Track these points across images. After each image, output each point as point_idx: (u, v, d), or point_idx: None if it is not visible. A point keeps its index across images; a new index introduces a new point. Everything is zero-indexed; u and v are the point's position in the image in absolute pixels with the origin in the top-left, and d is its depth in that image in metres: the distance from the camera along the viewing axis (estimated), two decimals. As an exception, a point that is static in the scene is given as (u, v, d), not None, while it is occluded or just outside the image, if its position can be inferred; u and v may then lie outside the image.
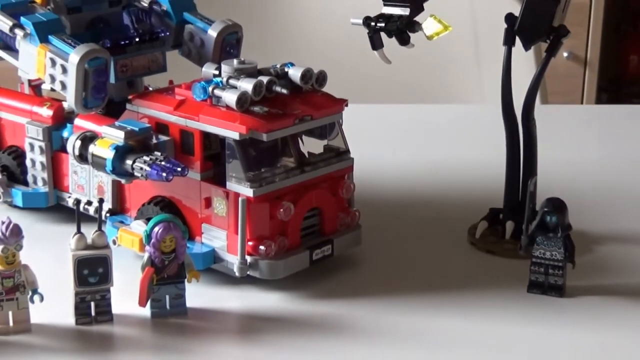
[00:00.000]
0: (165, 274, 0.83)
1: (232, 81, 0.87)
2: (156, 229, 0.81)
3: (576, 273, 0.88)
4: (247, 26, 1.02)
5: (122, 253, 0.88)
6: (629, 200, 1.11)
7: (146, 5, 1.01)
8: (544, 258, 0.87)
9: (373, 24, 0.93)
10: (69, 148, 0.90)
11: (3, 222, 0.79)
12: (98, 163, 0.87)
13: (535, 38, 0.92)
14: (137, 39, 0.99)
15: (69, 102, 0.91)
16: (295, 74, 0.90)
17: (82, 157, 0.89)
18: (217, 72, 0.89)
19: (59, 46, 0.91)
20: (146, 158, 0.85)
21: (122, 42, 0.98)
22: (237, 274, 0.87)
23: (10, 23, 0.94)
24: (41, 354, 0.79)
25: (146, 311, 0.83)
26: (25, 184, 1.02)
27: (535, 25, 0.91)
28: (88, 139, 0.89)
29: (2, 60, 0.98)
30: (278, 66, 0.91)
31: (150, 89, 0.99)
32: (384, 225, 1.01)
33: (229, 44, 1.00)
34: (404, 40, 0.93)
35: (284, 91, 0.88)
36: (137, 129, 0.88)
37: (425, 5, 0.93)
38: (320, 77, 0.91)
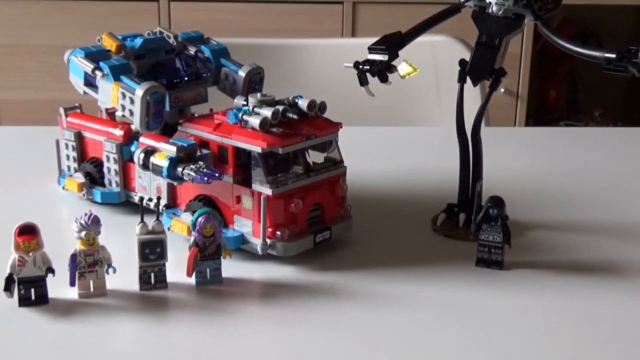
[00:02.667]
0: (206, 253, 0.82)
1: (256, 109, 0.87)
2: (200, 219, 0.81)
3: (512, 252, 0.88)
4: (268, 69, 1.01)
5: (174, 237, 0.88)
6: (550, 197, 1.10)
7: (192, 53, 1.01)
8: (487, 241, 0.87)
9: (360, 66, 0.93)
10: (135, 159, 0.90)
11: (86, 214, 0.78)
12: (157, 170, 0.87)
13: (481, 77, 0.92)
14: (186, 78, 0.99)
15: (136, 125, 0.91)
16: (303, 103, 0.89)
17: (145, 166, 0.89)
18: (245, 103, 0.89)
19: (128, 83, 0.90)
20: (192, 166, 0.85)
21: (175, 81, 0.98)
22: (259, 252, 0.86)
23: (92, 66, 0.93)
24: (114, 312, 0.78)
25: (192, 280, 0.82)
26: (103, 185, 1.01)
27: (481, 68, 0.91)
28: (149, 152, 0.88)
29: (86, 94, 0.97)
30: (290, 98, 0.90)
31: (196, 115, 0.99)
32: (369, 216, 1.00)
33: (254, 81, 1.00)
34: (384, 79, 0.92)
35: (295, 117, 0.87)
36: (185, 144, 0.87)
37: (399, 52, 0.93)
38: (321, 106, 0.90)
